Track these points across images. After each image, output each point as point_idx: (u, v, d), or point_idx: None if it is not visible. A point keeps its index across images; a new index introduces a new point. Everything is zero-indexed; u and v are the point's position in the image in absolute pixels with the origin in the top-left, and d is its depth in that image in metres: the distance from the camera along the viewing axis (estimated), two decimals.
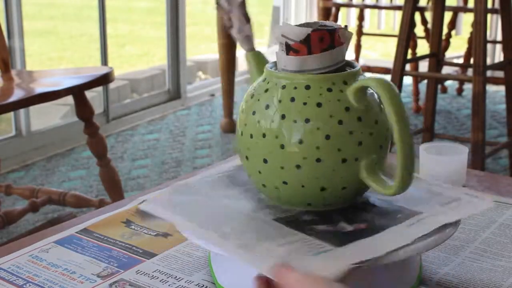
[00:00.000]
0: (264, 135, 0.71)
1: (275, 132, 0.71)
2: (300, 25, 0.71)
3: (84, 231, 0.88)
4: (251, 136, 0.73)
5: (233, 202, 0.77)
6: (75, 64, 5.04)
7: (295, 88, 0.71)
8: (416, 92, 3.50)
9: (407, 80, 3.86)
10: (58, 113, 3.14)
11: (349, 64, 0.74)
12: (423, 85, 3.76)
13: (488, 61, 3.91)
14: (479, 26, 2.07)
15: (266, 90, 0.73)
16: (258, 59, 0.79)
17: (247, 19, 0.78)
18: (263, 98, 0.72)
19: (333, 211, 0.74)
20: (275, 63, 0.76)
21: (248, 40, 0.78)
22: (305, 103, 0.70)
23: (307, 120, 0.69)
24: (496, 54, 4.35)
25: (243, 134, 0.74)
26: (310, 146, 0.69)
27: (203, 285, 0.75)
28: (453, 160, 1.00)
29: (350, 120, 0.70)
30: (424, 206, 0.75)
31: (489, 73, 2.26)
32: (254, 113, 0.72)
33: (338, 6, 3.43)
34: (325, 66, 0.71)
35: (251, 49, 0.79)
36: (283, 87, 0.71)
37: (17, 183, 2.40)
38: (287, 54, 0.72)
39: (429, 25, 3.10)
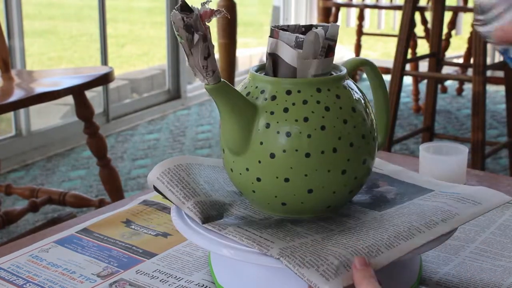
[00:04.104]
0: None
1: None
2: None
3: (84, 231, 0.88)
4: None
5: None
6: (75, 64, 5.04)
7: None
8: (416, 92, 3.50)
9: (407, 80, 3.86)
10: (58, 113, 3.14)
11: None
12: (423, 85, 3.76)
13: (488, 61, 3.92)
14: None
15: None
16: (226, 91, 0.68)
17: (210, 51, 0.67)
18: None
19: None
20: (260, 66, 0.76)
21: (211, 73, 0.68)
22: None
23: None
24: (496, 54, 4.35)
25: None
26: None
27: (203, 285, 0.75)
28: (453, 160, 1.00)
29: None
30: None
31: (489, 73, 2.26)
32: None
33: (338, 6, 3.43)
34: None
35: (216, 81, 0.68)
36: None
37: (17, 183, 2.40)
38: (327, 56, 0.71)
39: (429, 25, 3.10)
